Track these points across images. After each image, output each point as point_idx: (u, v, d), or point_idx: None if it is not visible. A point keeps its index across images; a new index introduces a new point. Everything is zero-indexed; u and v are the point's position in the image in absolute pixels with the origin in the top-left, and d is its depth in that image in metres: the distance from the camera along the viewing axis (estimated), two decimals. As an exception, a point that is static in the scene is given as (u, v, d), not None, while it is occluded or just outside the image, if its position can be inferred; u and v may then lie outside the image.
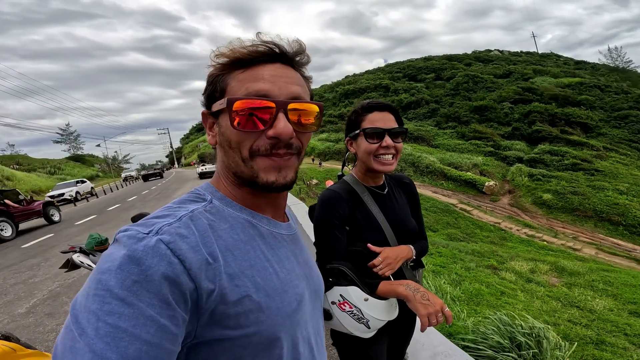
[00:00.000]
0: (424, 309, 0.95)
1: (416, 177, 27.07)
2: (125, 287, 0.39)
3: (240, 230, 0.53)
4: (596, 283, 6.87)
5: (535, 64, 61.46)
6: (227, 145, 0.55)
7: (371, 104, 1.17)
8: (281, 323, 0.52)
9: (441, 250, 9.43)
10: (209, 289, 0.44)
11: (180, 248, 0.43)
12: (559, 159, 27.83)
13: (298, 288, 0.57)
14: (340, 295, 1.03)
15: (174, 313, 0.41)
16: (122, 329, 0.37)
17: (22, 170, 30.23)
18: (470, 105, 44.29)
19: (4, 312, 4.08)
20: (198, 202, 0.53)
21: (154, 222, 0.45)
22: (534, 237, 15.57)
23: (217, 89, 0.55)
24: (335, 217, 1.13)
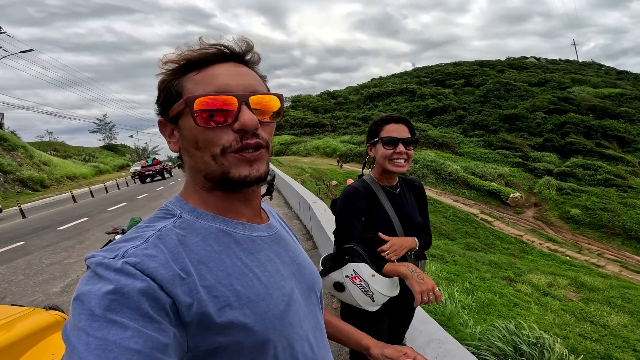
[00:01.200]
0: (418, 286, 1.14)
1: (437, 185, 26.63)
2: (104, 307, 0.40)
3: (213, 240, 0.52)
4: (614, 299, 6.66)
5: (574, 73, 58.77)
6: (194, 147, 0.53)
7: (389, 116, 1.42)
8: (271, 326, 0.52)
9: (457, 259, 9.34)
10: (186, 302, 0.45)
11: (148, 267, 0.44)
12: (592, 173, 26.54)
13: (284, 289, 0.57)
14: (353, 270, 1.27)
15: (159, 325, 0.42)
16: (111, 342, 0.38)
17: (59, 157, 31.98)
18: (500, 114, 43.00)
19: (40, 290, 4.30)
20: (167, 218, 0.53)
21: (119, 247, 0.46)
22: (557, 252, 15.02)
23: (172, 94, 0.54)
24: (354, 208, 1.36)
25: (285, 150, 44.43)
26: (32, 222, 10.31)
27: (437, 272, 6.07)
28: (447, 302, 4.02)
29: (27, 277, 4.87)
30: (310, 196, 6.44)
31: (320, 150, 40.45)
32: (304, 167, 24.52)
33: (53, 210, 12.73)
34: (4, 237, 8.28)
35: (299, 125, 56.10)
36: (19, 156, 22.99)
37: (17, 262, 5.72)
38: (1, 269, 5.44)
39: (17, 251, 6.55)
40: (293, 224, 6.79)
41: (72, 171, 28.06)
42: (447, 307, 3.86)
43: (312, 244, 5.32)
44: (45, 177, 23.35)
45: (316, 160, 35.11)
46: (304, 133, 52.82)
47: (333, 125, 54.36)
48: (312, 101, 70.03)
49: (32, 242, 7.20)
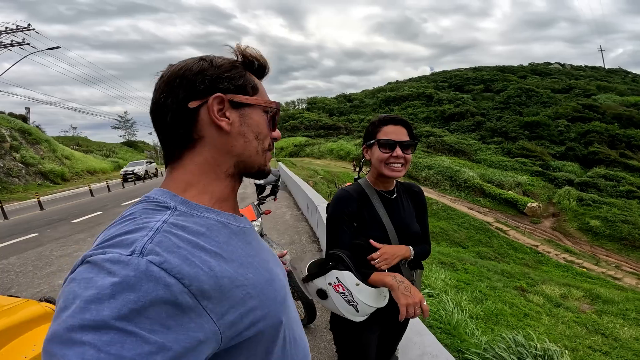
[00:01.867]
0: (404, 299, 1.06)
1: (452, 192, 26.16)
2: (122, 316, 0.35)
3: (217, 232, 0.52)
4: (629, 312, 6.42)
5: (600, 80, 56.90)
6: (254, 136, 0.59)
7: (387, 117, 1.33)
8: (280, 310, 0.55)
9: (468, 267, 9.14)
10: (213, 298, 0.43)
11: (174, 265, 0.41)
12: (614, 184, 25.55)
13: (279, 275, 0.61)
14: (336, 277, 1.19)
15: (178, 336, 0.39)
16: (128, 359, 0.34)
17: (81, 151, 33.00)
18: (520, 121, 42.00)
19: (45, 282, 4.34)
20: (162, 210, 0.50)
21: (131, 240, 0.42)
22: (573, 263, 14.52)
23: (249, 84, 0.60)
24: (345, 213, 1.30)
25: (299, 152, 44.62)
26: (49, 214, 10.59)
27: (447, 279, 5.93)
28: (454, 311, 3.91)
29: (36, 269, 4.96)
30: (318, 198, 6.41)
31: (334, 152, 40.42)
32: (317, 169, 24.53)
33: (70, 203, 13.10)
34: (19, 228, 8.48)
35: (314, 127, 56.29)
36: (42, 149, 23.83)
37: (29, 253, 5.83)
38: (12, 259, 5.55)
39: (30, 242, 6.69)
40: (300, 225, 6.77)
41: (93, 166, 28.87)
42: (453, 316, 3.75)
43: (318, 247, 5.28)
44: (67, 171, 24.10)
45: (329, 163, 35.10)
46: (318, 135, 52.93)
47: (348, 128, 54.29)
48: (328, 103, 70.17)
49: (46, 234, 7.37)
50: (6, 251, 6.08)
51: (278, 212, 8.09)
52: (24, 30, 17.76)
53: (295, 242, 5.62)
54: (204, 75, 0.55)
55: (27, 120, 29.19)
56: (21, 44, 17.73)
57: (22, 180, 19.91)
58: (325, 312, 3.05)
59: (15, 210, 12.35)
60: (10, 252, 5.99)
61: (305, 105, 76.94)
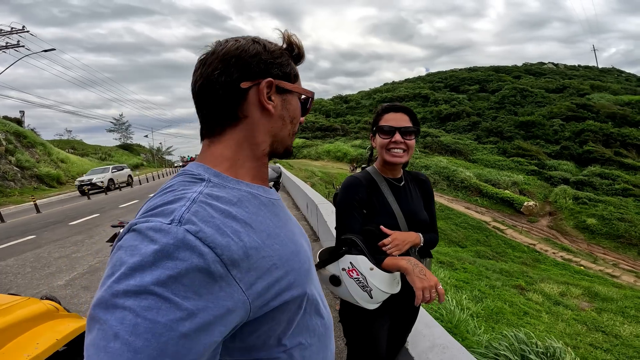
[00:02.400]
0: (420, 282, 1.05)
1: (449, 191, 26.27)
2: (161, 282, 0.38)
3: (247, 203, 0.53)
4: (628, 310, 6.46)
5: (594, 79, 57.41)
6: (290, 120, 0.63)
7: (389, 106, 1.37)
8: (305, 281, 0.56)
9: (467, 267, 9.17)
10: (242, 267, 0.45)
11: (208, 235, 0.43)
12: (610, 182, 25.79)
13: (304, 246, 0.63)
14: (350, 262, 1.16)
15: (208, 304, 0.40)
16: (161, 324, 0.36)
17: (76, 155, 32.78)
18: (515, 120, 42.26)
19: (44, 283, 4.31)
20: (197, 182, 0.52)
21: (171, 209, 0.44)
22: (571, 261, 14.61)
23: (292, 72, 0.63)
24: (355, 199, 1.29)
25: (296, 154, 44.57)
26: (46, 216, 10.53)
27: (446, 279, 5.94)
28: (454, 310, 3.91)
29: (34, 270, 4.93)
30: (317, 197, 6.41)
31: (331, 154, 40.45)
32: (315, 171, 24.53)
33: (67, 206, 13.01)
34: (17, 230, 8.43)
35: (311, 129, 56.28)
36: (38, 153, 23.64)
37: (27, 255, 5.80)
38: (10, 260, 5.52)
39: (28, 244, 6.65)
40: (301, 225, 6.76)
41: (88, 169, 28.63)
42: (454, 315, 3.75)
43: (320, 246, 5.28)
44: (62, 174, 23.91)
45: (327, 164, 35.12)
46: (315, 137, 52.91)
47: (344, 130, 54.33)
48: (324, 105, 70.21)
49: (44, 236, 7.32)
50: (4, 253, 6.03)
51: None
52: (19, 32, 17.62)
53: (295, 243, 5.59)
54: (259, 59, 0.58)
55: (22, 123, 28.96)
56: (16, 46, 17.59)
57: (18, 184, 19.74)
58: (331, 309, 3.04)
59: (12, 214, 12.26)
60: (8, 254, 5.95)
61: (302, 106, 76.74)
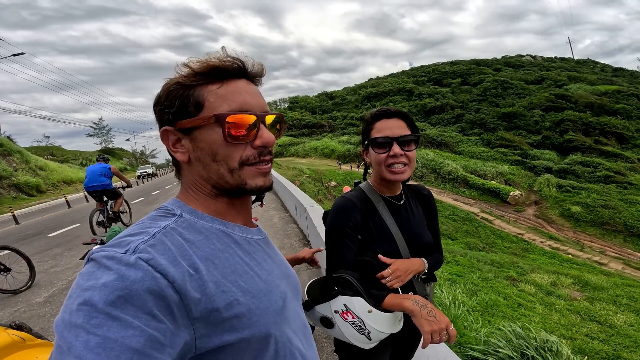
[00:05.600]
0: (429, 326, 0.92)
1: (437, 184, 26.57)
2: (110, 302, 0.39)
3: (215, 239, 0.54)
4: (619, 298, 6.58)
5: (570, 71, 59.04)
6: (211, 159, 0.55)
7: (379, 111, 1.14)
8: (272, 321, 0.54)
9: (458, 259, 9.23)
10: (195, 298, 0.45)
11: (160, 263, 0.44)
12: (591, 170, 26.57)
13: (280, 287, 0.59)
14: (344, 304, 1.02)
15: (160, 324, 0.42)
16: (112, 340, 0.38)
17: (56, 161, 31.78)
18: (497, 112, 43.08)
19: (23, 301, 4.07)
20: (168, 217, 0.54)
21: (128, 241, 0.46)
22: (559, 250, 14.94)
23: (190, 103, 0.54)
24: (348, 226, 1.11)
25: (284, 152, 44.35)
26: (25, 228, 10.05)
27: (439, 273, 5.92)
28: (450, 305, 3.87)
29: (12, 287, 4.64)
30: (306, 200, 6.24)
31: (319, 151, 40.43)
32: (303, 169, 24.39)
33: (47, 216, 12.50)
34: None
35: (297, 127, 56.06)
36: (15, 161, 22.74)
37: None
38: None
39: (4, 259, 6.28)
40: (290, 228, 6.59)
41: (69, 176, 27.74)
42: (450, 311, 3.71)
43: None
44: (42, 182, 23.06)
45: (315, 161, 35.04)
46: (302, 134, 52.78)
47: (331, 126, 54.34)
48: (310, 102, 70.07)
49: (21, 249, 6.98)
50: (-22, 272, 5.67)
51: (266, 215, 7.89)
52: (-13, 36, 16.87)
53: (285, 246, 5.39)
54: (155, 110, 0.57)
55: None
56: (-16, 51, 16.85)
57: (-6, 195, 18.95)
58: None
59: (-12, 227, 11.72)
60: (-18, 272, 5.60)
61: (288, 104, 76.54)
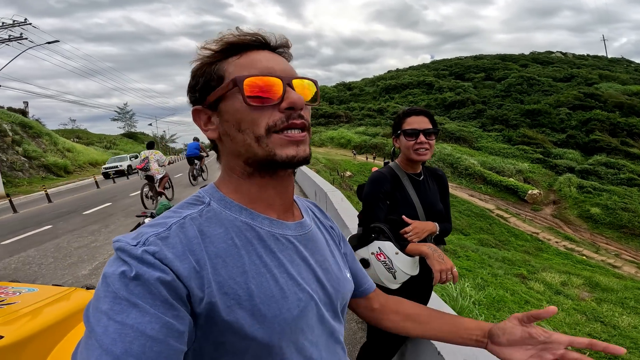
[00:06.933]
0: (439, 265, 1.23)
1: (453, 179, 26.31)
2: (129, 290, 0.41)
3: (235, 234, 0.52)
4: (628, 300, 6.58)
5: (603, 69, 56.49)
6: (237, 129, 0.52)
7: (410, 110, 1.52)
8: (280, 330, 0.49)
9: (470, 255, 9.32)
10: (197, 295, 0.45)
11: (167, 257, 0.44)
12: (615, 172, 25.70)
13: (302, 293, 0.53)
14: (378, 247, 1.37)
15: (177, 312, 0.43)
16: (128, 326, 0.40)
17: (82, 144, 32.98)
18: (521, 109, 41.86)
19: (69, 273, 4.39)
20: (196, 205, 0.54)
21: (143, 233, 0.47)
22: (573, 251, 14.73)
23: (213, 78, 0.53)
24: (381, 192, 1.47)
25: (300, 141, 44.45)
26: (58, 206, 10.64)
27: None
28: (457, 297, 4.06)
29: (57, 260, 5.03)
30: (326, 185, 6.47)
31: (335, 141, 40.44)
32: (319, 158, 24.59)
33: (77, 195, 13.17)
34: (32, 220, 8.50)
35: (314, 116, 55.97)
36: (44, 143, 23.83)
37: (46, 245, 5.90)
38: (31, 251, 5.62)
39: (45, 234, 6.75)
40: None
41: (94, 158, 28.88)
42: (457, 302, 3.90)
43: None
44: (69, 163, 24.15)
45: (330, 151, 35.12)
46: (319, 124, 52.77)
47: (348, 117, 54.07)
48: (328, 92, 69.65)
49: (60, 226, 7.44)
50: (23, 244, 6.17)
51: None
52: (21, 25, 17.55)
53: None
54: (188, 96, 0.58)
55: (27, 114, 29.06)
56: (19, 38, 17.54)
57: (26, 174, 20.01)
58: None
59: (23, 204, 12.40)
60: (27, 244, 6.08)
61: (305, 94, 76.25)
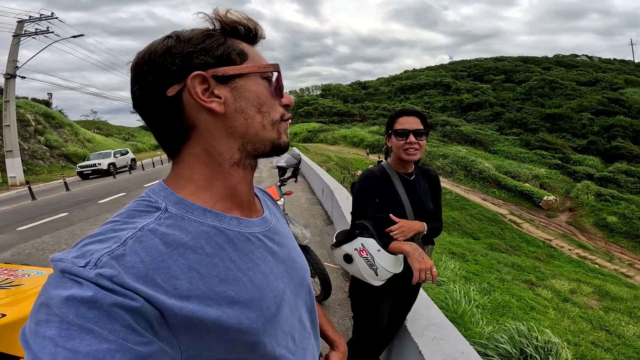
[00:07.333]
0: (418, 264, 1.25)
1: (466, 182, 25.92)
2: (81, 315, 0.35)
3: (204, 241, 0.47)
4: (636, 310, 6.43)
5: (629, 74, 54.49)
6: (257, 109, 0.52)
7: (402, 110, 1.54)
8: (262, 329, 0.49)
9: (478, 259, 9.20)
10: (176, 314, 0.40)
11: (126, 282, 0.38)
12: (635, 180, 24.82)
13: (277, 290, 0.54)
14: (361, 243, 1.40)
15: (140, 339, 0.37)
16: (83, 353, 0.34)
17: (101, 135, 33.91)
18: (541, 113, 40.84)
19: None
20: (150, 212, 0.47)
21: (91, 251, 0.40)
22: (586, 259, 14.36)
23: (233, 51, 0.51)
24: (370, 190, 1.50)
25: (313, 138, 44.62)
26: (75, 195, 11.03)
27: (456, 269, 6.00)
28: (461, 300, 4.03)
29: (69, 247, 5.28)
30: (333, 182, 6.56)
31: (348, 139, 40.33)
32: (331, 155, 24.63)
33: (94, 185, 13.63)
34: (49, 208, 8.81)
35: (328, 114, 56.00)
36: (65, 133, 24.69)
37: (61, 232, 6.13)
38: (46, 237, 5.85)
39: (61, 222, 7.02)
40: (315, 209, 6.92)
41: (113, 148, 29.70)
42: (460, 305, 3.88)
43: (333, 229, 5.42)
44: (89, 153, 24.84)
45: (343, 149, 35.07)
46: (332, 122, 52.73)
47: (362, 115, 53.84)
48: (342, 90, 69.53)
49: (75, 214, 7.73)
50: (39, 230, 6.42)
51: (293, 196, 8.19)
52: (48, 19, 18.13)
53: (310, 225, 5.74)
54: (173, 54, 0.48)
55: (50, 105, 30.06)
56: (45, 32, 18.12)
57: (47, 163, 20.77)
58: (339, 291, 3.25)
59: (42, 191, 12.85)
60: (43, 231, 6.34)
61: (320, 91, 76.41)
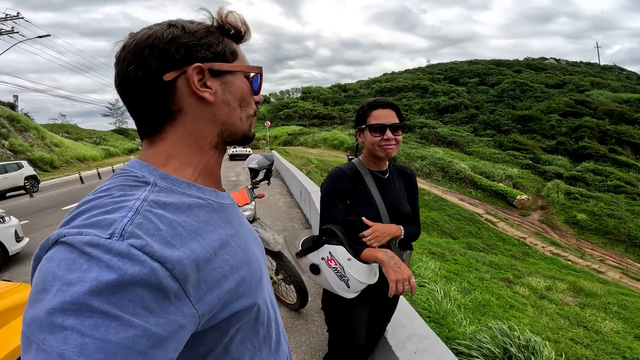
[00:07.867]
0: (394, 275, 1.08)
1: (444, 183, 26.42)
2: (105, 299, 0.34)
3: (197, 210, 0.50)
4: (611, 306, 6.62)
5: (595, 76, 57.34)
6: (238, 104, 0.57)
7: (376, 102, 1.35)
8: (255, 291, 0.53)
9: (457, 258, 9.30)
10: (194, 281, 0.42)
11: (156, 250, 0.39)
12: (602, 179, 26.05)
13: (256, 254, 0.59)
14: (329, 252, 1.20)
15: (160, 319, 0.38)
16: (114, 343, 0.33)
17: (70, 139, 32.48)
18: (513, 114, 42.29)
19: None
20: (140, 186, 0.47)
21: (109, 220, 0.40)
22: (559, 256, 14.87)
23: (228, 50, 0.57)
24: (339, 190, 1.32)
25: (293, 141, 44.40)
26: (40, 201, 10.49)
27: (437, 270, 6.00)
28: (442, 301, 3.99)
29: (29, 256, 4.94)
30: (311, 185, 6.41)
31: (328, 142, 40.33)
32: (311, 158, 24.51)
33: (61, 191, 12.97)
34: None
35: (308, 117, 55.93)
36: (31, 137, 23.38)
37: None
38: None
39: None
40: (293, 212, 6.78)
41: (83, 153, 28.43)
42: (442, 306, 3.84)
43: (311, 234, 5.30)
44: (56, 158, 23.69)
45: (323, 152, 35.06)
46: (313, 124, 52.68)
47: (342, 118, 54.08)
48: (323, 93, 69.68)
49: (37, 221, 7.32)
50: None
51: (271, 199, 8.07)
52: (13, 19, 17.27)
53: (288, 229, 5.65)
54: (178, 44, 0.51)
55: (15, 107, 28.51)
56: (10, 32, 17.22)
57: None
58: (318, 297, 3.10)
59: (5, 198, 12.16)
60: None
61: (300, 94, 76.25)
